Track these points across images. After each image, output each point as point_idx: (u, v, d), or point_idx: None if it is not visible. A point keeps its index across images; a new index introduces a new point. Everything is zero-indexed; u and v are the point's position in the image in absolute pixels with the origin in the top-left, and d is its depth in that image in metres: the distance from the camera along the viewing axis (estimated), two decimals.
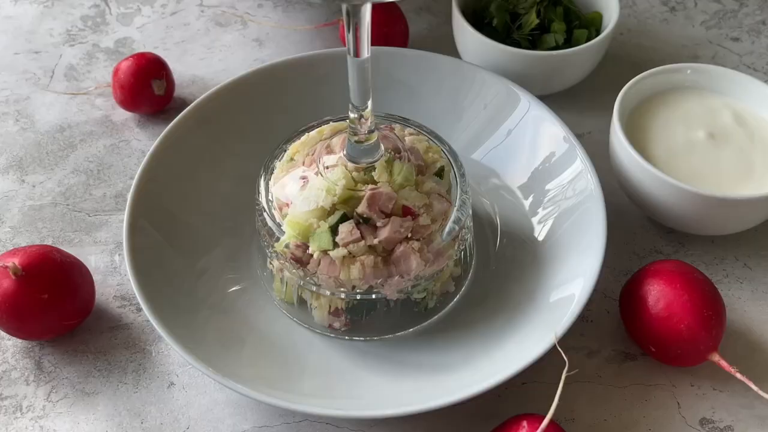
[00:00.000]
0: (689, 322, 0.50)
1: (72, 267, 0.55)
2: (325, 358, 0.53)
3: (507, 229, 0.60)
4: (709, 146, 0.59)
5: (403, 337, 0.54)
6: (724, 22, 0.79)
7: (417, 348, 0.54)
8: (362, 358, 0.53)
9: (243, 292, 0.56)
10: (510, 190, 0.62)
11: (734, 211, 0.56)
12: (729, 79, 0.62)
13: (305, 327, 0.55)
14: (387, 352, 0.53)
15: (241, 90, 0.64)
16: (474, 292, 0.57)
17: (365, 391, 0.51)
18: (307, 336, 0.54)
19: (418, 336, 0.54)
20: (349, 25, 0.46)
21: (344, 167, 0.52)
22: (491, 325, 0.54)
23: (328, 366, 0.53)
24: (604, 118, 0.66)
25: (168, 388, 0.54)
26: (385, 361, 0.53)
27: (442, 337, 0.54)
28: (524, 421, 0.47)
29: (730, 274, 0.59)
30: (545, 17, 0.69)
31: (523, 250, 0.58)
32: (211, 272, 0.57)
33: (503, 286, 0.56)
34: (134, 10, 0.81)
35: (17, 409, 0.53)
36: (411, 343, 0.54)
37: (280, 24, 0.79)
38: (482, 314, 0.55)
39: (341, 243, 0.50)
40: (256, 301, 0.56)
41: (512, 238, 0.59)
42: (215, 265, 0.57)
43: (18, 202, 0.65)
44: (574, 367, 0.52)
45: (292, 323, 0.55)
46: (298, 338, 0.54)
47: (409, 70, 0.66)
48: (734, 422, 0.52)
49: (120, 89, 0.68)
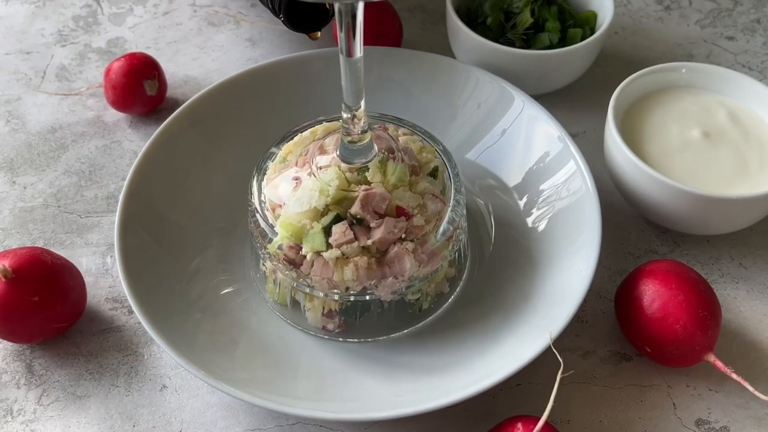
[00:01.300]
0: (685, 322, 0.50)
1: (63, 269, 0.54)
2: (319, 360, 0.53)
3: (501, 229, 0.60)
4: (704, 145, 0.59)
5: (397, 338, 0.54)
6: (718, 20, 0.79)
7: (411, 350, 0.53)
8: (356, 360, 0.53)
9: (236, 294, 0.56)
10: (504, 189, 0.61)
11: (729, 210, 0.56)
12: (724, 78, 0.62)
13: (298, 329, 0.54)
14: (381, 354, 0.53)
15: (234, 90, 0.63)
16: (468, 292, 0.56)
17: (359, 393, 0.51)
18: (300, 338, 0.54)
19: (412, 337, 0.54)
20: (341, 25, 0.45)
21: (337, 168, 0.52)
22: (486, 326, 0.53)
23: (321, 368, 0.52)
24: (598, 117, 0.66)
25: (160, 391, 0.53)
26: (379, 363, 0.52)
27: (436, 339, 0.53)
28: (519, 422, 0.46)
29: (725, 273, 0.59)
30: (539, 16, 0.68)
31: (518, 250, 0.58)
32: (203, 274, 0.56)
33: (498, 286, 0.56)
34: (126, 10, 0.81)
35: (8, 413, 0.52)
36: (405, 345, 0.54)
37: (273, 23, 0.78)
38: (476, 315, 0.54)
39: (334, 244, 0.50)
40: (249, 302, 0.56)
41: (507, 238, 0.59)
42: (207, 266, 0.57)
43: (9, 203, 0.64)
44: (569, 368, 0.52)
45: (285, 325, 0.55)
46: (291, 340, 0.54)
47: (403, 70, 0.66)
48: (730, 423, 0.52)
49: (112, 90, 0.68)
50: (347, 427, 0.52)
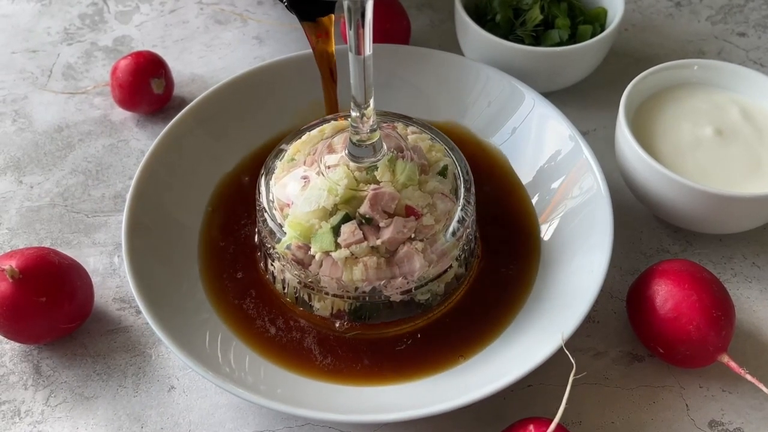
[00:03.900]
0: (698, 322, 0.49)
1: (70, 269, 0.54)
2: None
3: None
4: (717, 143, 0.58)
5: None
6: (730, 17, 0.78)
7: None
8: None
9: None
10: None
11: (742, 208, 0.55)
12: (737, 75, 0.61)
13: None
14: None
15: (241, 88, 0.63)
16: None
17: (368, 394, 0.50)
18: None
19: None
20: (350, 22, 0.45)
21: (346, 167, 0.51)
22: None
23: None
24: (608, 115, 0.66)
25: (168, 392, 0.53)
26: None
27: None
28: (531, 425, 0.46)
29: (738, 273, 0.59)
30: (549, 13, 0.68)
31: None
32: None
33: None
34: (133, 8, 0.81)
35: (15, 414, 0.52)
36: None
37: (280, 21, 0.78)
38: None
39: (343, 244, 0.49)
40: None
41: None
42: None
43: (15, 203, 0.64)
44: (581, 369, 0.52)
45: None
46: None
47: (412, 68, 0.65)
48: (744, 424, 0.51)
49: (119, 88, 0.67)
50: (357, 428, 0.51)
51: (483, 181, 0.60)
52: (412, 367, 0.52)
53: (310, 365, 0.52)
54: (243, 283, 0.56)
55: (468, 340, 0.53)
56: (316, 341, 0.53)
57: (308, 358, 0.52)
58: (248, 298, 0.55)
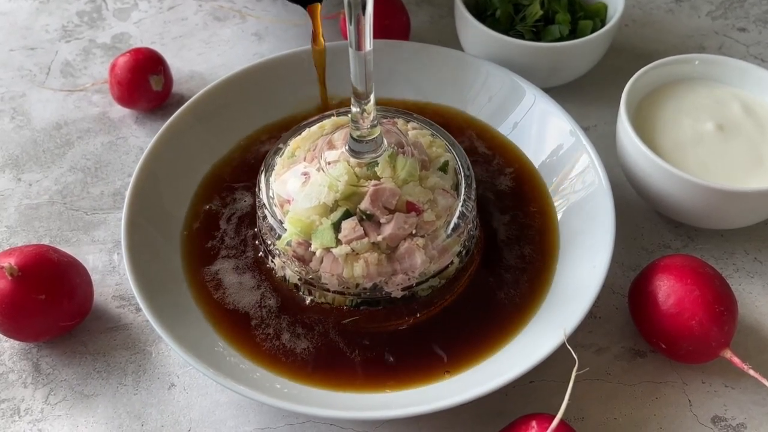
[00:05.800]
0: (700, 318, 0.49)
1: (69, 267, 0.54)
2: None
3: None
4: (718, 138, 0.58)
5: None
6: (730, 12, 0.78)
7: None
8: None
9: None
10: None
11: (744, 203, 0.55)
12: (738, 69, 0.61)
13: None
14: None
15: (241, 85, 0.63)
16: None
17: (370, 391, 0.50)
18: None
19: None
20: (350, 18, 0.44)
21: (346, 163, 0.51)
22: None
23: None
24: (609, 110, 0.65)
25: (168, 390, 0.53)
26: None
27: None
28: (534, 420, 0.46)
29: (740, 268, 0.58)
30: (549, 8, 0.67)
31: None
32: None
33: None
34: (131, 5, 0.80)
35: (15, 412, 0.52)
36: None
37: (279, 18, 0.78)
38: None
39: (344, 240, 0.49)
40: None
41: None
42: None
43: (14, 200, 0.64)
44: (583, 365, 0.51)
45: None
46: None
47: (412, 63, 0.65)
48: (747, 419, 0.51)
49: (117, 85, 0.67)
50: (358, 425, 0.51)
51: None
52: (413, 363, 0.51)
53: (310, 362, 0.52)
54: (243, 279, 0.56)
55: (469, 336, 0.52)
56: (317, 341, 0.53)
57: (309, 355, 0.52)
58: (248, 295, 0.55)
